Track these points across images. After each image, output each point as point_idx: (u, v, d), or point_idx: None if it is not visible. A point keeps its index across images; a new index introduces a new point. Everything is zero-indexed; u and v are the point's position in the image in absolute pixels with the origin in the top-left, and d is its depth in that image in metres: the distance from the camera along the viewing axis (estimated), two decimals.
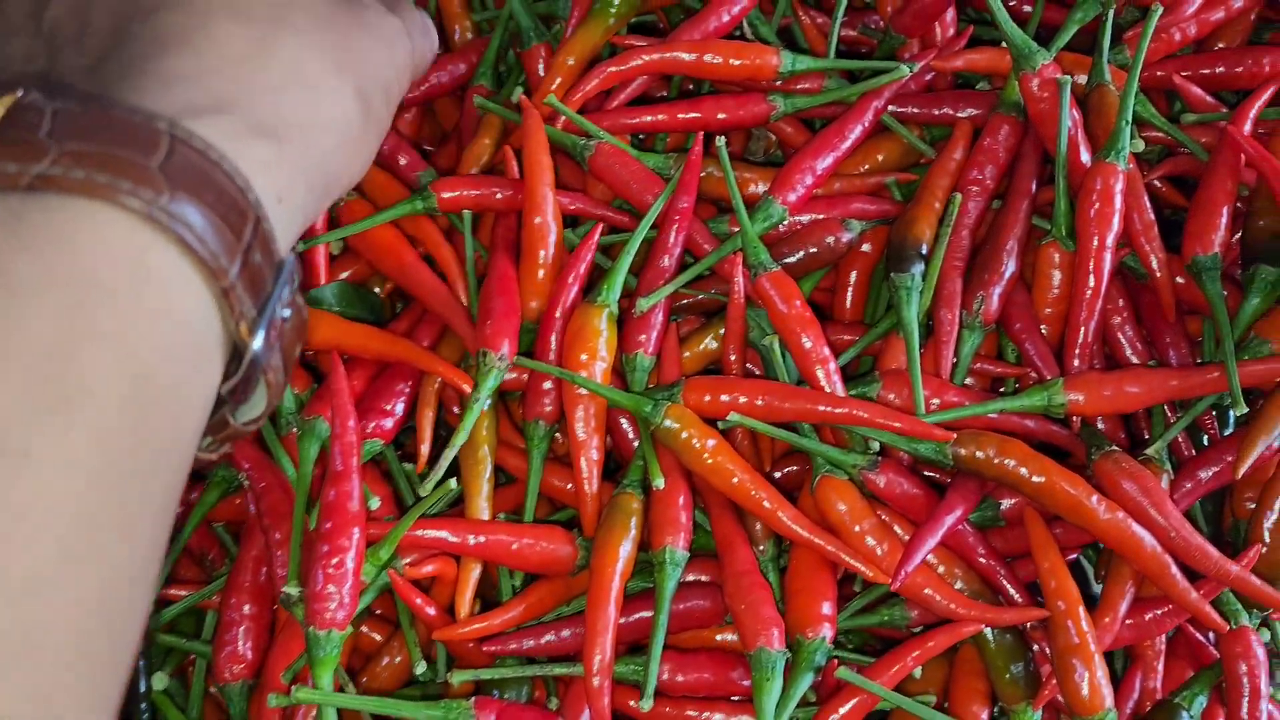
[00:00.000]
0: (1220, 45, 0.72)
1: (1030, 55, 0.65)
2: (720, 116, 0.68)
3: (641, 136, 0.71)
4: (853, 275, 0.68)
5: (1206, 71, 0.69)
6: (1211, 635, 0.62)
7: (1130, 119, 0.63)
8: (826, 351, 0.61)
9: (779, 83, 0.68)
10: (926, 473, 0.63)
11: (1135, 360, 0.65)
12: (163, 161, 0.38)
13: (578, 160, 0.67)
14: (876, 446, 0.61)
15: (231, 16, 0.46)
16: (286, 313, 0.43)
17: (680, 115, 0.67)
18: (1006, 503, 0.62)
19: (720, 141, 0.64)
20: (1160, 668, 0.63)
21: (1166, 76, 0.69)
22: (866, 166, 0.69)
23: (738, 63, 0.66)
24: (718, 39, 0.68)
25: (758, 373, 0.65)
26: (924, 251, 0.64)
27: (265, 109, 0.44)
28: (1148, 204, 0.64)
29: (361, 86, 0.51)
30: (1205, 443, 0.65)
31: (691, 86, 0.73)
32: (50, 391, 0.34)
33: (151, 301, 0.37)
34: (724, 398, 0.60)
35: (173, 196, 0.38)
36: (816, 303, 0.69)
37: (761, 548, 0.61)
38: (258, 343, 0.41)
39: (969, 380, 0.66)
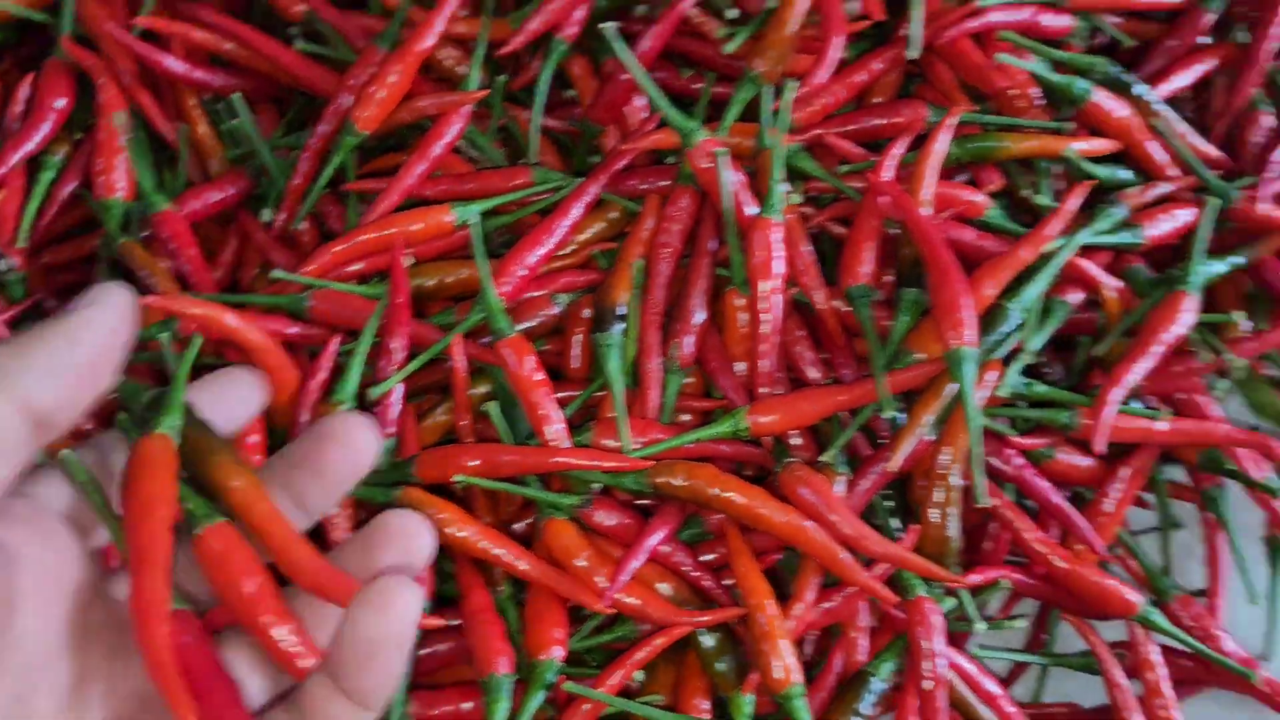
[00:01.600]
0: (876, 100, 0.84)
1: (690, 133, 0.75)
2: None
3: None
4: (576, 337, 0.78)
5: (856, 127, 0.81)
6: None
7: (779, 178, 0.74)
8: (551, 407, 0.71)
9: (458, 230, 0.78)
10: (643, 503, 0.73)
11: (817, 379, 0.75)
12: None
13: (297, 314, 0.75)
14: (598, 486, 0.70)
15: None
16: None
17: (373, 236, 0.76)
18: (714, 519, 0.72)
19: (474, 220, 0.74)
20: (865, 643, 0.73)
21: (821, 135, 0.80)
22: (575, 245, 0.79)
23: (418, 227, 0.76)
24: (392, 213, 0.77)
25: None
26: (621, 312, 0.74)
27: None
28: (808, 248, 0.75)
29: None
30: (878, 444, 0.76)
31: None
32: None
33: None
34: (453, 465, 0.69)
35: None
36: (549, 364, 0.78)
37: (500, 588, 0.70)
38: None
39: (685, 417, 0.76)
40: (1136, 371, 0.74)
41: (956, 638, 0.77)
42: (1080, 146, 0.80)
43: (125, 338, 0.51)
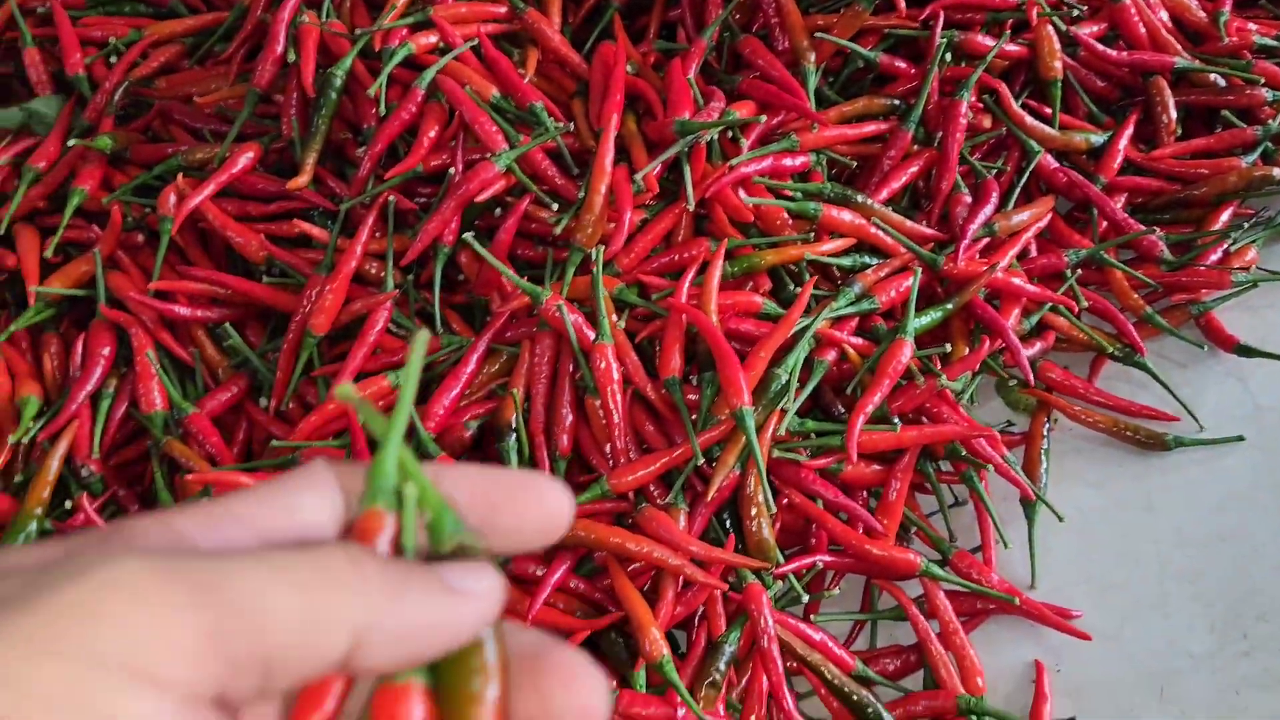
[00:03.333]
0: (679, 239, 1.17)
1: (538, 295, 1.08)
2: None
3: None
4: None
5: (660, 264, 1.13)
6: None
7: (605, 311, 1.06)
8: None
9: None
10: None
11: (658, 445, 1.06)
12: None
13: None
14: None
15: None
16: None
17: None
18: (598, 556, 1.03)
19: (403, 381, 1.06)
20: (722, 623, 1.02)
21: (637, 275, 1.13)
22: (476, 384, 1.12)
23: (367, 393, 1.10)
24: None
25: None
26: (514, 425, 1.06)
27: None
28: (633, 357, 1.07)
29: None
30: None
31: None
32: None
33: None
34: None
35: None
36: None
37: None
38: None
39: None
40: (875, 399, 1.05)
41: (808, 608, 1.06)
42: (821, 248, 1.13)
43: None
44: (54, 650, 0.34)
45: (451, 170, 1.14)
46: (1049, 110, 1.28)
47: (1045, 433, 1.16)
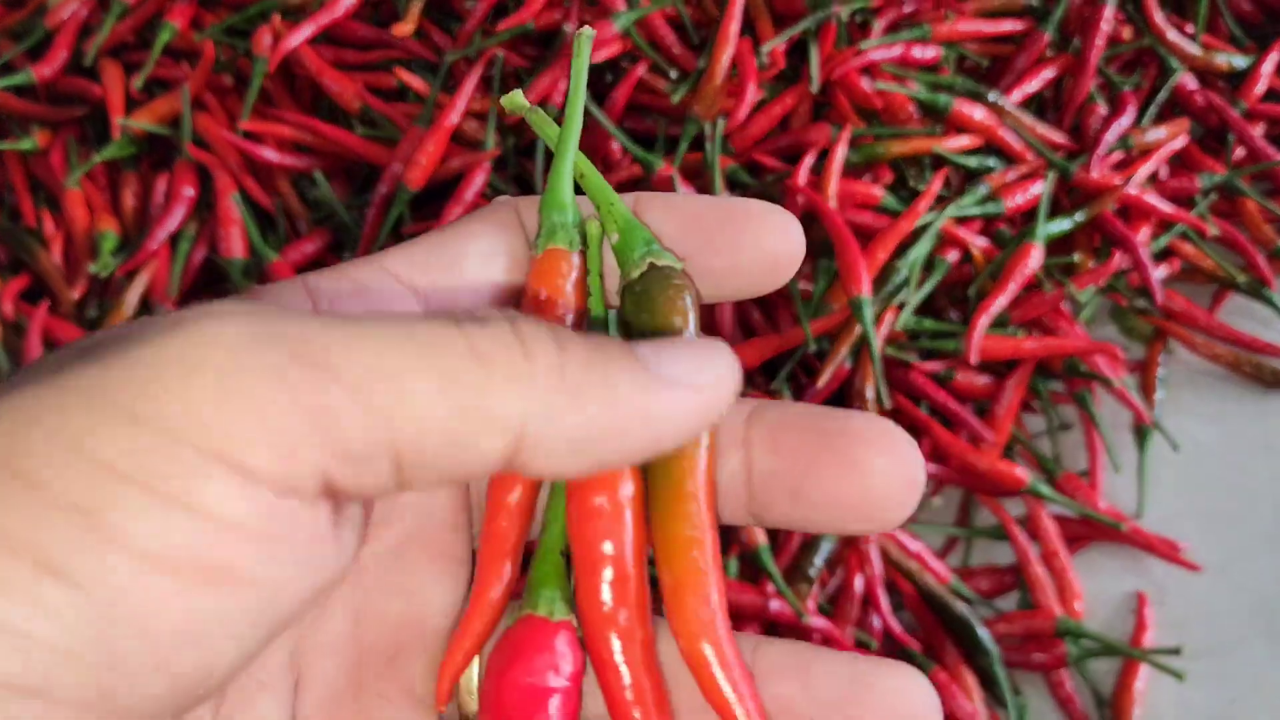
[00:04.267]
0: (798, 124, 1.11)
1: (651, 164, 1.02)
2: None
3: None
4: None
5: (778, 146, 1.07)
6: None
7: (720, 187, 1.00)
8: None
9: None
10: None
11: (763, 330, 1.01)
12: None
13: None
14: None
15: None
16: None
17: None
18: None
19: None
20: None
21: (752, 155, 1.07)
22: None
23: None
24: None
25: None
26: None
27: None
28: None
29: None
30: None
31: None
32: None
33: None
34: None
35: None
36: None
37: None
38: None
39: None
40: (1000, 302, 0.99)
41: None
42: (948, 144, 1.07)
43: None
44: (123, 413, 0.27)
45: (566, 27, 1.08)
46: (1190, 28, 1.21)
47: (1161, 361, 1.10)
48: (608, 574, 0.35)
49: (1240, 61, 1.20)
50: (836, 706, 0.36)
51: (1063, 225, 1.06)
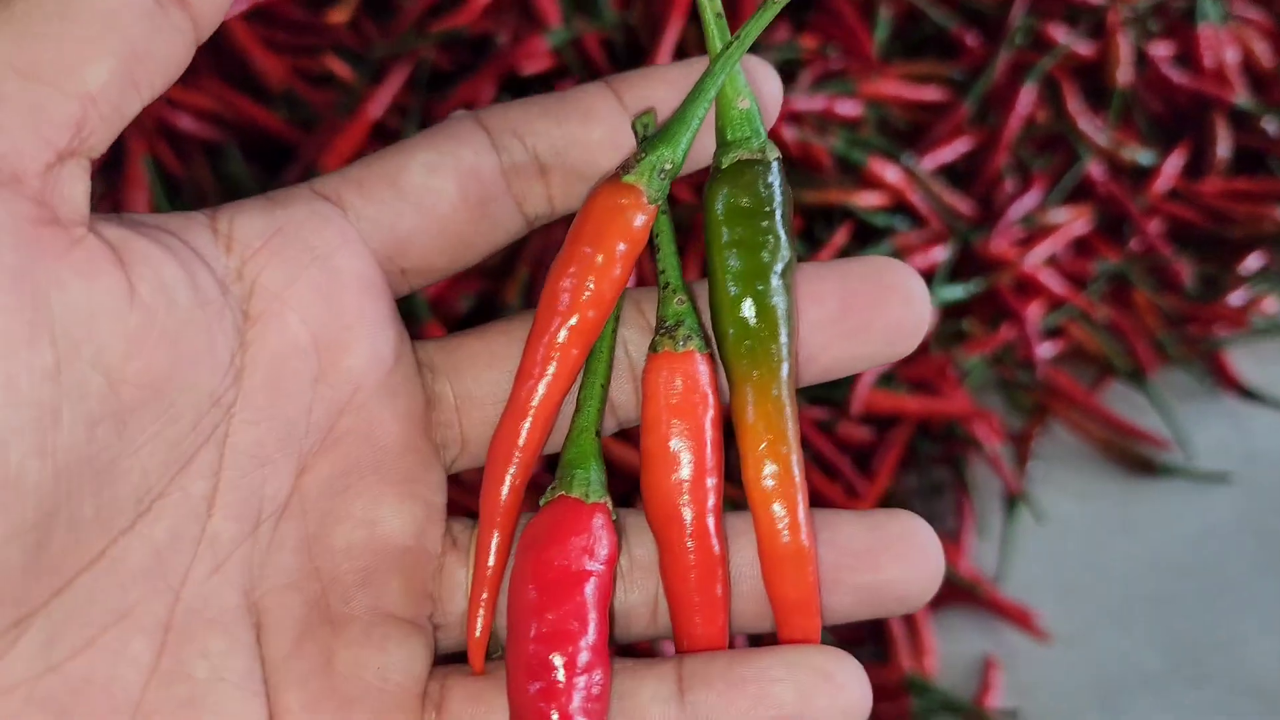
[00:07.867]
0: None
1: None
2: None
3: None
4: None
5: (699, 181, 1.09)
6: None
7: None
8: None
9: None
10: None
11: None
12: None
13: None
14: None
15: None
16: None
17: None
18: None
19: None
20: None
21: None
22: None
23: None
24: None
25: None
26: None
27: None
28: None
29: None
30: None
31: None
32: None
33: None
34: None
35: None
36: None
37: None
38: None
39: None
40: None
41: None
42: (860, 199, 1.09)
43: None
44: None
45: (499, 38, 1.09)
46: (1104, 119, 1.26)
47: (1038, 434, 1.14)
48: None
49: (1145, 158, 1.25)
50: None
51: (957, 292, 1.09)
